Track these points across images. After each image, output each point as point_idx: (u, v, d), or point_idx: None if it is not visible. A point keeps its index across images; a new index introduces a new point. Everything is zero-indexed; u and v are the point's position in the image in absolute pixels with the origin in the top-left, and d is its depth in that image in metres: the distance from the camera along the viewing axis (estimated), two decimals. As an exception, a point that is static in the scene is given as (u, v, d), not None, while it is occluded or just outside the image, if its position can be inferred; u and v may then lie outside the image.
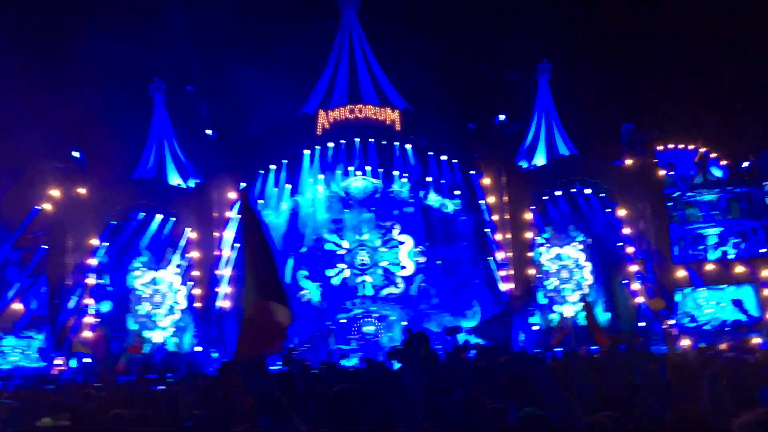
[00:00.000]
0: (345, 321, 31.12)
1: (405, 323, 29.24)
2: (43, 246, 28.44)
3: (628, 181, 29.95)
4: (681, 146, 33.43)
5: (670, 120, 35.87)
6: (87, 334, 27.22)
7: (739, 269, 28.60)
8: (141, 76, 33.81)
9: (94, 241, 28.39)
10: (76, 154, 29.01)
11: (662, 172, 30.02)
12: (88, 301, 28.16)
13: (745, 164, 32.23)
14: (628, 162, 30.06)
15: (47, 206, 27.93)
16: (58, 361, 26.29)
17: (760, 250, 30.32)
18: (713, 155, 33.05)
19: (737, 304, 28.48)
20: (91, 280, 28.35)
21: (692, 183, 31.13)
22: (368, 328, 30.90)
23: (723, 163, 33.24)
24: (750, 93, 40.66)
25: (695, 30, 43.96)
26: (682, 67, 42.03)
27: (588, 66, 40.74)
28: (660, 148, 32.23)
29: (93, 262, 28.32)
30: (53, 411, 7.06)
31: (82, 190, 28.32)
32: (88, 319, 27.83)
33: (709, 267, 29.12)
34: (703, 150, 32.36)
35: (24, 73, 31.27)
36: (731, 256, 30.53)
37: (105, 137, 29.58)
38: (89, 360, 26.43)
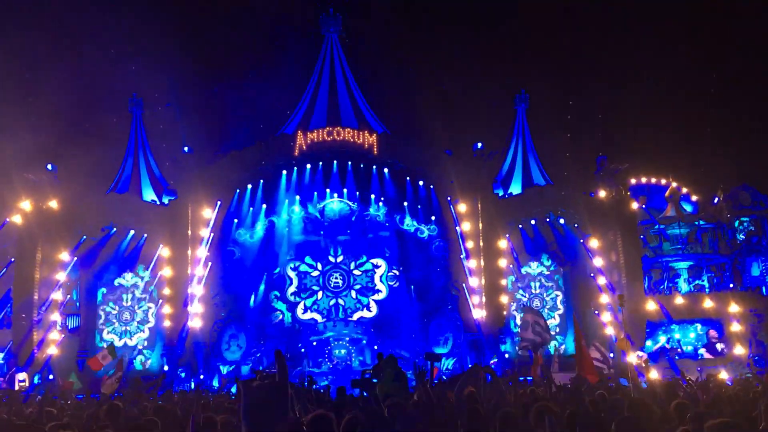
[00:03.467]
0: (316, 344, 30.88)
1: (376, 347, 29.11)
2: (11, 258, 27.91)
3: (601, 212, 30.31)
4: (653, 180, 33.93)
5: (643, 154, 36.46)
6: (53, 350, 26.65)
7: (708, 304, 28.95)
8: (120, 91, 33.59)
9: (64, 256, 27.94)
10: (48, 166, 28.65)
11: (635, 205, 30.43)
12: (55, 316, 27.63)
13: (715, 200, 32.78)
14: (602, 193, 30.45)
15: (16, 218, 27.45)
16: (20, 376, 25.61)
17: (729, 285, 30.75)
18: (684, 190, 33.59)
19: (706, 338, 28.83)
20: (59, 294, 27.85)
21: (663, 216, 31.58)
22: (339, 351, 30.67)
23: (693, 198, 33.79)
24: (721, 132, 41.59)
25: (670, 67, 44.96)
26: (656, 103, 42.87)
27: (564, 98, 41.36)
28: (633, 181, 32.74)
29: (62, 276, 27.84)
30: None
31: (53, 203, 27.92)
32: (54, 335, 27.29)
33: (679, 300, 29.43)
34: (674, 185, 32.86)
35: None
36: (707, 290, 30.89)
37: (80, 151, 29.16)
38: (51, 377, 25.84)
